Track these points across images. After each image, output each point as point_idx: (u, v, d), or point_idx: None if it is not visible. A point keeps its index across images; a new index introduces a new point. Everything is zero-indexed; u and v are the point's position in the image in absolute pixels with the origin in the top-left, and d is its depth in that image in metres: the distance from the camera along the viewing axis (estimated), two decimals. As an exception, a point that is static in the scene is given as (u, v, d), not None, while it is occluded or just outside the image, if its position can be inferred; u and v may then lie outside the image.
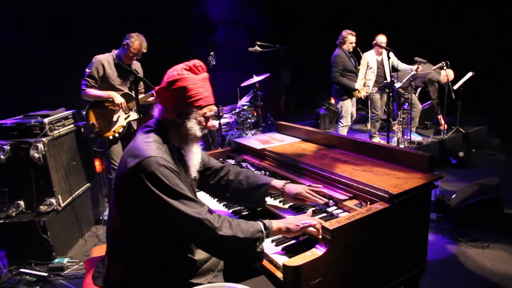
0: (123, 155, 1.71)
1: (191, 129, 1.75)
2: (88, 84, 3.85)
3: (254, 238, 1.64)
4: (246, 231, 1.63)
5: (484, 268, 3.10)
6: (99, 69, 3.87)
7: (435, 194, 4.17)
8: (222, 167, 2.20)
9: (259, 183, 2.13)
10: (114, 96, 3.87)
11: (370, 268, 1.81)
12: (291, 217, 1.86)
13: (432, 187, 1.99)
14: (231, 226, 1.62)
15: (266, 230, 1.69)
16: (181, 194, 1.59)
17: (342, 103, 6.14)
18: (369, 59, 6.50)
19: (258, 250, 1.66)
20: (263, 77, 6.03)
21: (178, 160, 1.79)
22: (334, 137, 2.71)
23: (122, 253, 1.73)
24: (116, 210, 1.71)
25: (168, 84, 1.70)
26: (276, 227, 1.75)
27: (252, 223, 1.69)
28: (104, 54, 3.96)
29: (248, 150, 2.94)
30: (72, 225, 3.91)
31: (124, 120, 4.05)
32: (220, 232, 1.58)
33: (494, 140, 6.55)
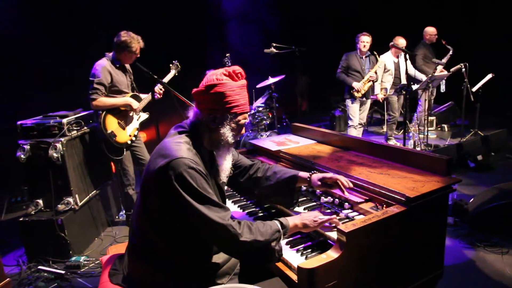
0: (153, 154, 1.73)
1: (223, 135, 1.75)
2: (99, 93, 3.70)
3: (273, 239, 1.68)
4: (265, 233, 1.66)
5: (503, 274, 3.04)
6: (107, 77, 3.77)
7: (452, 198, 4.10)
8: (251, 165, 2.21)
9: (287, 176, 2.11)
10: (131, 102, 3.86)
11: (385, 272, 1.79)
12: (306, 213, 1.87)
13: (450, 191, 1.96)
14: (251, 230, 1.64)
15: (283, 229, 1.73)
16: (208, 198, 1.60)
17: (347, 102, 6.17)
18: (386, 61, 6.46)
19: (276, 249, 1.69)
20: (278, 79, 6.03)
21: (209, 164, 1.80)
22: (349, 139, 2.70)
23: (145, 251, 1.75)
24: (142, 209, 1.73)
25: (206, 88, 1.70)
26: (292, 224, 1.78)
27: (269, 224, 1.72)
28: (103, 60, 3.84)
29: (263, 152, 2.94)
30: (89, 224, 3.97)
31: (137, 121, 4.09)
32: (241, 238, 1.60)
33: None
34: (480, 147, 5.55)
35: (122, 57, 3.87)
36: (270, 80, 6.01)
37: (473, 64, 6.38)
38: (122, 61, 3.91)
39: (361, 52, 6.05)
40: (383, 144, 2.47)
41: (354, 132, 6.18)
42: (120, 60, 3.90)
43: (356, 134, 6.19)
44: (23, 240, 3.57)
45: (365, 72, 6.09)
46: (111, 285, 1.84)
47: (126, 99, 3.88)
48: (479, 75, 6.50)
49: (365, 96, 6.13)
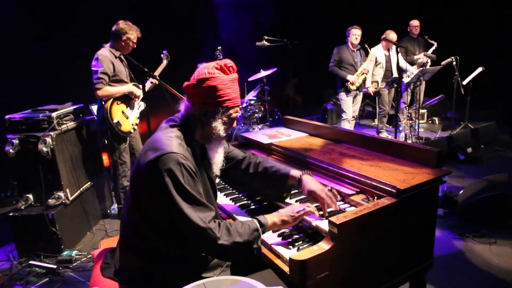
0: (144, 147, 1.73)
1: (215, 128, 1.76)
2: (103, 82, 3.75)
3: (252, 238, 1.68)
4: (244, 234, 1.66)
5: (491, 264, 3.10)
6: (110, 66, 3.81)
7: (443, 190, 4.15)
8: (243, 159, 2.20)
9: (278, 174, 2.09)
10: (133, 89, 3.90)
11: (376, 263, 1.81)
12: (284, 210, 1.86)
13: (440, 183, 1.98)
14: (229, 232, 1.64)
15: (262, 228, 1.73)
16: (192, 196, 1.61)
17: (341, 96, 6.19)
18: (377, 54, 6.48)
19: (255, 247, 1.69)
20: (270, 72, 6.02)
21: (200, 157, 1.80)
22: (341, 132, 2.71)
23: (136, 244, 1.75)
24: (133, 201, 1.73)
25: (198, 81, 1.70)
26: (271, 222, 1.78)
27: (248, 223, 1.72)
28: (103, 50, 3.86)
29: (255, 145, 2.94)
30: (80, 218, 3.95)
31: (137, 110, 4.11)
32: (219, 242, 1.61)
33: (503, 136, 6.49)
34: (470, 140, 5.62)
35: (119, 46, 3.90)
36: (262, 73, 6.00)
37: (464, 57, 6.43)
38: (119, 51, 3.92)
39: (352, 45, 6.06)
40: (375, 136, 2.48)
41: (348, 126, 6.21)
42: (118, 49, 3.92)
43: (349, 127, 6.22)
44: (14, 235, 3.55)
45: (358, 65, 6.11)
46: (103, 279, 1.84)
47: (130, 87, 3.92)
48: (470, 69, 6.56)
49: (358, 89, 6.17)
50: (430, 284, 2.81)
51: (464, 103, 6.63)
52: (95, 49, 3.91)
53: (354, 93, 6.19)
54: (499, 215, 3.62)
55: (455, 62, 6.31)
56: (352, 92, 6.12)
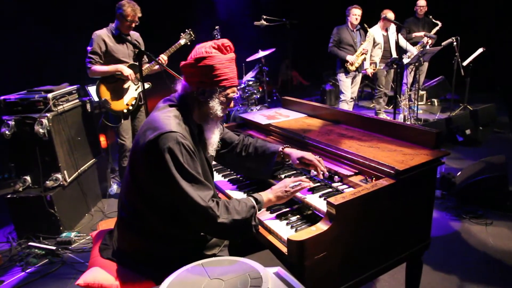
0: (142, 127, 1.73)
1: (212, 108, 1.76)
2: (93, 61, 3.81)
3: (249, 215, 1.71)
4: (241, 211, 1.69)
5: (487, 244, 3.14)
6: (101, 45, 3.82)
7: (441, 172, 4.17)
8: (237, 143, 2.23)
9: (267, 153, 2.15)
10: (121, 68, 3.85)
11: (374, 244, 1.83)
12: (277, 186, 1.91)
13: (438, 164, 1.98)
14: (228, 210, 1.67)
15: (258, 204, 1.78)
16: (192, 175, 1.62)
17: (340, 77, 6.15)
18: (375, 35, 6.40)
19: (253, 224, 1.73)
20: (268, 52, 5.96)
21: (197, 137, 1.80)
22: (340, 112, 2.70)
23: (134, 224, 1.76)
24: (131, 182, 1.73)
25: (195, 60, 1.69)
26: (266, 199, 1.83)
27: (245, 201, 1.75)
28: (102, 29, 3.90)
29: (253, 126, 2.94)
30: (79, 200, 3.97)
31: (135, 91, 4.07)
32: (219, 220, 1.63)
33: (502, 118, 6.48)
34: (468, 122, 5.61)
35: (120, 25, 3.87)
36: (260, 53, 5.94)
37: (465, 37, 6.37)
38: (119, 29, 3.88)
39: (352, 25, 5.99)
40: (374, 117, 2.47)
41: (346, 107, 6.19)
42: (118, 28, 3.89)
43: (348, 108, 6.20)
44: (12, 217, 3.56)
45: (357, 45, 6.05)
46: (101, 259, 1.85)
47: (117, 66, 3.87)
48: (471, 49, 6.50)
49: (357, 70, 6.12)
50: (427, 264, 2.85)
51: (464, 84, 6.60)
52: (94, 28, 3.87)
53: (353, 74, 6.15)
54: (496, 196, 3.65)
55: (455, 42, 6.25)
56: (351, 73, 6.08)
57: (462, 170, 4.00)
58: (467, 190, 3.73)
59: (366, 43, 6.03)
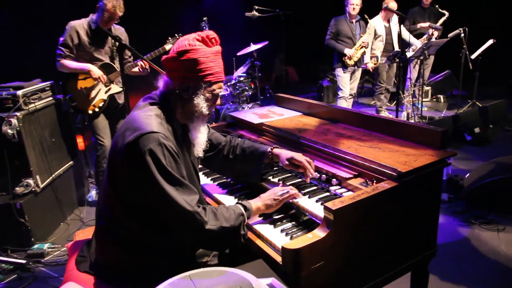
0: (120, 127, 1.73)
1: (197, 105, 1.76)
2: (62, 54, 3.76)
3: (237, 224, 1.72)
4: (230, 218, 1.70)
5: (499, 252, 3.16)
6: (74, 37, 3.77)
7: (447, 173, 4.20)
8: (224, 145, 2.24)
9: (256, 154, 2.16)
10: (91, 69, 3.79)
11: (375, 252, 1.84)
12: (265, 194, 1.92)
13: (444, 165, 2.00)
14: (216, 217, 1.67)
15: (246, 212, 1.79)
16: (177, 178, 1.62)
17: (337, 72, 6.18)
18: (376, 26, 6.43)
19: (242, 233, 1.74)
20: (261, 45, 5.97)
21: (181, 138, 1.81)
22: (338, 110, 2.71)
23: (114, 232, 1.76)
24: (110, 187, 1.73)
25: (178, 54, 1.69)
26: (255, 207, 1.84)
27: (233, 208, 1.76)
28: (79, 20, 3.85)
29: (245, 125, 2.94)
30: (53, 207, 3.93)
31: (105, 93, 4.00)
32: (207, 226, 1.63)
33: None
34: (477, 119, 5.66)
35: (99, 18, 3.80)
36: (252, 47, 5.95)
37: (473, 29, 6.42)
38: (98, 24, 3.82)
39: (350, 16, 6.01)
40: (374, 115, 2.49)
41: (344, 104, 6.22)
42: (97, 22, 3.82)
43: (346, 105, 6.23)
44: (-22, 228, 3.52)
45: (356, 38, 6.08)
46: (78, 273, 1.84)
47: (87, 65, 3.82)
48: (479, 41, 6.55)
49: (357, 65, 6.15)
50: (433, 274, 2.86)
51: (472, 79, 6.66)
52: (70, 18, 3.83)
53: (352, 69, 6.18)
54: (508, 200, 3.67)
55: (463, 34, 6.30)
56: (349, 68, 6.11)
57: (471, 172, 4.04)
58: (477, 193, 3.76)
59: (366, 35, 6.06)
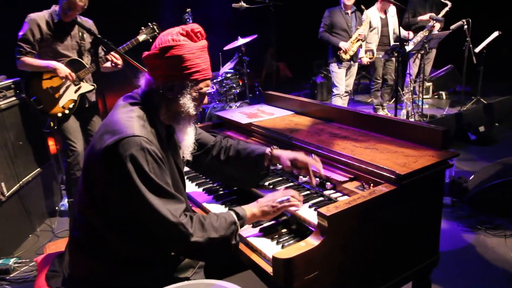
0: (98, 130, 1.72)
1: (183, 105, 1.75)
2: (22, 51, 3.64)
3: (229, 233, 1.71)
4: (220, 228, 1.69)
5: (507, 260, 3.20)
6: (35, 31, 3.66)
7: (450, 176, 4.25)
8: (214, 145, 2.23)
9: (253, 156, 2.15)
10: (57, 67, 3.71)
11: (373, 260, 1.86)
12: (264, 199, 1.91)
13: (446, 167, 2.04)
14: (203, 227, 1.67)
15: (240, 220, 1.77)
16: (160, 186, 1.61)
17: (332, 67, 6.21)
18: (372, 17, 6.47)
19: (233, 243, 1.73)
20: (249, 39, 5.99)
21: (166, 141, 1.80)
22: (332, 109, 2.74)
23: (90, 245, 1.75)
24: (86, 195, 1.72)
25: (161, 51, 1.68)
26: (250, 214, 1.83)
27: (225, 216, 1.75)
28: (40, 12, 3.73)
29: (232, 126, 2.95)
30: (20, 218, 3.89)
31: (74, 93, 3.95)
32: (192, 239, 1.63)
33: (521, 113, 6.62)
34: (482, 117, 5.73)
35: (61, 12, 3.71)
36: (240, 41, 5.96)
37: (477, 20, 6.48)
38: (61, 16, 3.75)
39: (345, 7, 6.05)
40: (370, 114, 2.52)
41: (340, 102, 6.26)
42: (60, 14, 3.74)
43: (342, 104, 6.28)
44: None
45: (352, 30, 6.11)
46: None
47: (52, 63, 3.72)
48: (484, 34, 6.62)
49: (353, 59, 6.19)
50: (436, 284, 2.89)
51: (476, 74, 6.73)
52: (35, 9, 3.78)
53: (348, 64, 6.22)
54: (516, 203, 3.72)
55: (466, 25, 6.36)
56: (345, 63, 6.15)
57: (476, 174, 4.08)
58: (482, 197, 3.80)
59: (362, 28, 6.11)
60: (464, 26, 6.35)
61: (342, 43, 5.96)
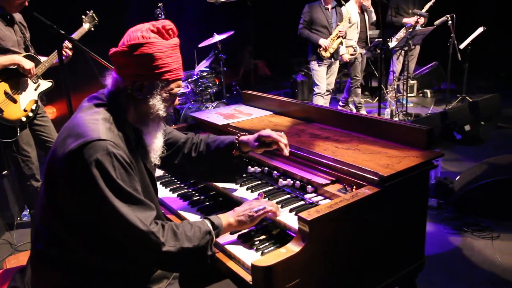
0: (60, 133, 1.68)
1: (153, 107, 1.74)
2: None
3: (203, 243, 1.70)
4: (193, 238, 1.68)
5: (494, 262, 3.27)
6: None
7: (436, 177, 4.32)
8: (185, 142, 2.22)
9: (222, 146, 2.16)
10: (19, 60, 3.58)
11: (357, 266, 1.88)
12: (240, 208, 1.91)
13: (431, 167, 2.08)
14: (176, 236, 1.65)
15: (215, 230, 1.76)
16: (129, 193, 1.59)
17: (312, 65, 6.25)
18: (351, 12, 6.52)
19: (209, 254, 1.72)
20: (226, 36, 5.99)
21: (135, 144, 1.78)
22: (313, 109, 2.76)
23: (54, 257, 1.72)
24: (49, 204, 1.69)
25: (130, 48, 1.66)
26: (226, 223, 1.82)
27: (199, 225, 1.74)
28: None
29: (208, 127, 2.95)
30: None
31: (35, 91, 3.86)
32: (164, 248, 1.61)
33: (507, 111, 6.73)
34: (468, 116, 5.82)
35: (5, 2, 3.58)
36: (216, 37, 5.96)
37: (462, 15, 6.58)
38: (5, 9, 3.62)
39: (325, 2, 6.09)
40: (353, 114, 2.56)
41: (321, 101, 6.30)
42: (3, 7, 3.61)
43: (323, 103, 6.31)
44: None
45: (333, 26, 6.16)
46: (9, 307, 1.80)
47: (13, 57, 3.59)
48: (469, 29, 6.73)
49: (333, 57, 6.23)
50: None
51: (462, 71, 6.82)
52: None
53: (328, 62, 6.26)
54: (503, 204, 3.78)
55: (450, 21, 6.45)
56: (325, 61, 6.19)
57: (461, 174, 4.15)
58: (468, 198, 3.86)
59: (343, 24, 6.16)
60: (448, 21, 6.42)
61: (321, 40, 5.99)
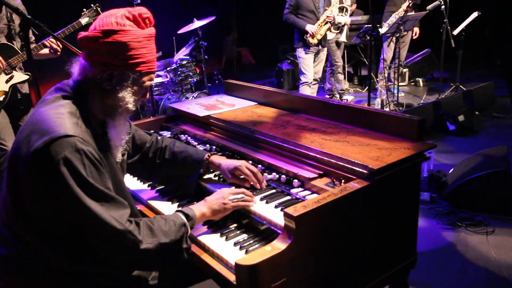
0: (23, 129, 1.66)
1: (122, 99, 1.72)
2: None
3: (179, 237, 1.72)
4: (169, 232, 1.70)
5: (488, 258, 3.31)
6: None
7: (428, 169, 4.36)
8: (149, 147, 2.23)
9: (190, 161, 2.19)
10: None
11: (346, 264, 1.90)
12: (212, 197, 1.94)
13: (423, 160, 2.10)
14: (152, 232, 1.66)
15: (189, 221, 1.79)
16: (101, 191, 1.58)
17: (299, 53, 6.25)
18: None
19: (184, 247, 1.74)
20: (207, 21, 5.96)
21: (101, 139, 1.76)
22: (299, 99, 2.77)
23: (21, 263, 1.70)
24: (13, 207, 1.66)
25: (103, 34, 1.62)
26: (199, 214, 1.85)
27: (173, 218, 1.76)
28: None
29: (189, 119, 2.95)
30: None
31: (6, 83, 3.83)
32: (142, 246, 1.62)
33: (502, 100, 6.83)
34: (461, 105, 5.88)
35: None
36: (196, 23, 5.93)
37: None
38: None
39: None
40: (341, 104, 2.57)
41: (308, 91, 6.30)
42: None
43: (310, 93, 6.32)
44: None
45: (320, 11, 6.16)
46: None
47: None
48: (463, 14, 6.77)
49: (321, 44, 6.22)
50: (414, 286, 2.96)
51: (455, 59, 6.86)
52: None
53: (316, 49, 6.25)
54: (497, 197, 3.84)
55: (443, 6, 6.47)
56: (312, 48, 6.18)
57: (455, 167, 4.21)
58: (462, 191, 3.91)
59: (331, 8, 6.16)
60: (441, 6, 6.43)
61: (309, 26, 5.97)
